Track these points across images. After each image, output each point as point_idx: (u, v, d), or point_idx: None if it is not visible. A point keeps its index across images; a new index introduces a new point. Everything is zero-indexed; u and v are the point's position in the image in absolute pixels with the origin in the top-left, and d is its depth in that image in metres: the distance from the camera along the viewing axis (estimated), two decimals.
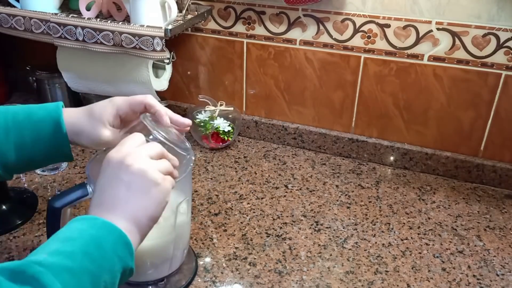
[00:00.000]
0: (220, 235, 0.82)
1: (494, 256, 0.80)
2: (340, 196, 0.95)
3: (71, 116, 0.63)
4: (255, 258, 0.77)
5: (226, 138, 1.09)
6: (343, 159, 1.09)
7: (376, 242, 0.82)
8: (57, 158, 0.66)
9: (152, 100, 0.63)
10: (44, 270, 0.43)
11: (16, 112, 0.62)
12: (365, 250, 0.80)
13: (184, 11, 0.99)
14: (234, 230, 0.84)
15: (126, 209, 0.51)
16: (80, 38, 0.96)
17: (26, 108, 0.63)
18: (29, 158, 0.63)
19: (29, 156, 0.63)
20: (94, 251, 0.47)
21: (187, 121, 0.65)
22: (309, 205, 0.92)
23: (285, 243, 0.81)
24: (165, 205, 0.55)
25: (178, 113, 1.24)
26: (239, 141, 1.16)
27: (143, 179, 0.52)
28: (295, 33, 1.03)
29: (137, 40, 0.92)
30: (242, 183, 0.98)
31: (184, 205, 0.67)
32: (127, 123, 0.66)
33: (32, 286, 0.41)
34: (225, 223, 0.86)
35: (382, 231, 0.85)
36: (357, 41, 0.99)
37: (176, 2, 0.93)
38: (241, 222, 0.86)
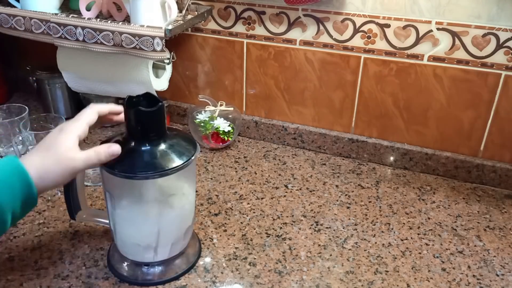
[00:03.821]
0: (220, 235, 0.82)
1: (494, 256, 0.80)
2: (340, 196, 0.95)
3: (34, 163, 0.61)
4: (255, 258, 0.77)
5: (226, 138, 1.09)
6: (343, 159, 1.09)
7: (376, 242, 0.82)
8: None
9: (102, 108, 0.67)
10: None
11: None
12: (365, 250, 0.80)
13: (184, 11, 0.99)
14: (234, 230, 0.84)
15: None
16: (80, 38, 0.96)
17: None
18: None
19: None
20: None
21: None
22: (309, 205, 0.92)
23: (285, 243, 0.81)
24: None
25: (178, 113, 1.23)
26: (239, 141, 1.15)
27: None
28: (295, 33, 1.03)
29: (137, 40, 0.92)
30: (242, 183, 0.98)
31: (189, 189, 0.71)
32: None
33: None
34: (225, 223, 0.86)
35: (382, 231, 0.85)
36: (357, 41, 0.99)
37: (176, 2, 0.93)
38: (241, 222, 0.86)
